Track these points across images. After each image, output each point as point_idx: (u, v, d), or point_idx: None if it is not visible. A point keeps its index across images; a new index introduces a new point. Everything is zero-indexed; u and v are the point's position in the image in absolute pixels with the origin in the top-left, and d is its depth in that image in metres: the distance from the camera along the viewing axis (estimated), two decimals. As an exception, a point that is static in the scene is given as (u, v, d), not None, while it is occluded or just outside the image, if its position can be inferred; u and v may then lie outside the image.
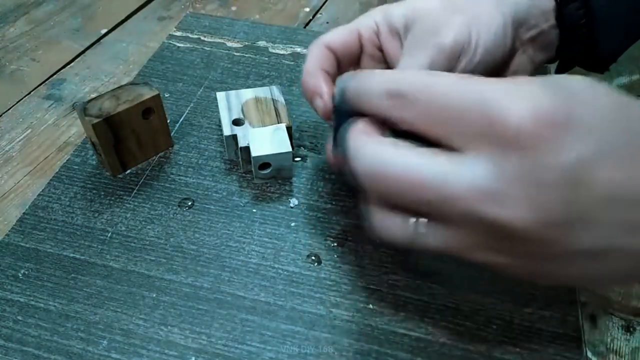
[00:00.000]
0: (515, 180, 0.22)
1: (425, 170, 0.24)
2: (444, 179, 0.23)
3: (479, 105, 0.23)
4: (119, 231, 0.37)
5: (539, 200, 0.22)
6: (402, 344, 0.31)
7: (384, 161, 0.25)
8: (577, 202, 0.22)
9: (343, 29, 0.37)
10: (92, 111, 0.37)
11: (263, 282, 0.34)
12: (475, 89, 0.23)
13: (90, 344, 0.31)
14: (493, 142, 0.22)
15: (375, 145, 0.25)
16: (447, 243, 0.25)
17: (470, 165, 0.23)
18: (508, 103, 0.22)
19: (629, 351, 0.34)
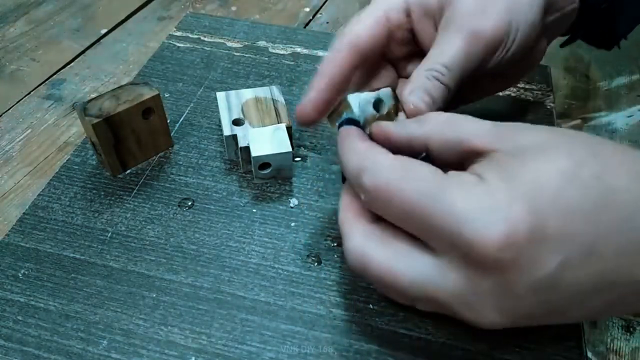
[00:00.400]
0: (486, 294, 0.23)
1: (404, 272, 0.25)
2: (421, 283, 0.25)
3: (449, 224, 0.23)
4: (119, 231, 0.37)
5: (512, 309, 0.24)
6: (402, 344, 0.31)
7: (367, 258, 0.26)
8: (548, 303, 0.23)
9: (368, 18, 0.33)
10: (92, 111, 0.37)
11: (263, 282, 0.34)
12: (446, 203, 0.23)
13: (90, 344, 0.31)
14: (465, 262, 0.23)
15: (359, 235, 0.27)
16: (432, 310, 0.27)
17: (443, 269, 0.24)
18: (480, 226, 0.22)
19: (629, 351, 0.34)
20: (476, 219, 0.22)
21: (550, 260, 0.22)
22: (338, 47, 0.33)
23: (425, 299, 0.26)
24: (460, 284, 0.24)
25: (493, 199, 0.22)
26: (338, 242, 0.36)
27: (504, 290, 0.23)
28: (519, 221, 0.22)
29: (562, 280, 0.22)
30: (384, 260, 0.26)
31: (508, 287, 0.23)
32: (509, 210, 0.22)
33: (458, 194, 0.23)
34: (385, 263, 0.26)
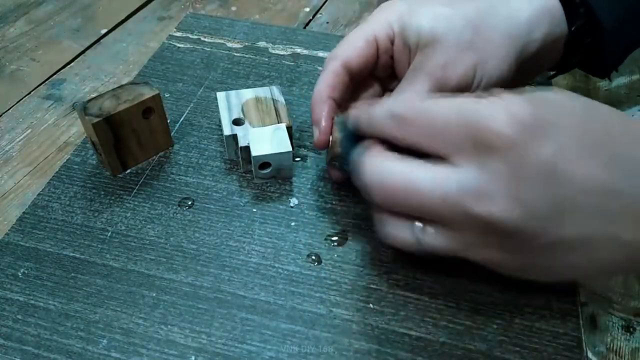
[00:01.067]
0: (499, 179, 0.25)
1: (420, 178, 0.27)
2: (436, 184, 0.26)
3: (460, 118, 0.26)
4: (119, 230, 0.37)
5: (521, 194, 0.24)
6: (402, 344, 0.31)
7: (387, 174, 0.28)
8: (556, 195, 0.24)
9: (359, 39, 0.36)
10: (92, 111, 0.37)
11: (263, 281, 0.34)
12: (456, 105, 0.27)
13: (90, 343, 0.31)
14: (476, 148, 0.25)
15: (381, 159, 0.29)
16: (445, 244, 0.28)
17: (457, 171, 0.26)
18: (487, 113, 0.25)
19: (629, 351, 0.34)
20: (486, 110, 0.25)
21: (550, 145, 0.24)
22: (332, 69, 0.36)
23: (443, 203, 0.26)
24: (474, 175, 0.25)
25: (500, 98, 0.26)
26: (338, 242, 0.36)
27: (511, 171, 0.24)
28: (524, 110, 0.25)
29: (563, 170, 0.24)
30: (402, 170, 0.28)
31: (515, 168, 0.24)
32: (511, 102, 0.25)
33: (466, 98, 0.27)
34: (403, 173, 0.27)
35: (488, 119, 0.25)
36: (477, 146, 0.25)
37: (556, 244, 0.26)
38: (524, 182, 0.24)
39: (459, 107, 0.27)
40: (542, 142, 0.24)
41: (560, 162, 0.24)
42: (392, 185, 0.28)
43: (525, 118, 0.24)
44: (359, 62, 0.36)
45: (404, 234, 0.29)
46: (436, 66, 0.34)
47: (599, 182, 0.24)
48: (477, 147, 0.25)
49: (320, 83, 0.36)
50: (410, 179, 0.27)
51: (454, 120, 0.26)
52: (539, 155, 0.24)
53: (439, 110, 0.27)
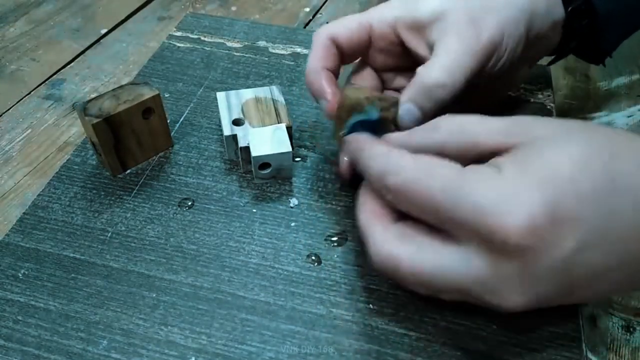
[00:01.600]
0: (511, 280, 0.24)
1: (428, 264, 0.26)
2: (445, 270, 0.26)
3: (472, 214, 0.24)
4: (119, 231, 0.37)
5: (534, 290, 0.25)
6: (402, 344, 0.31)
7: (393, 259, 0.27)
8: (571, 283, 0.25)
9: (352, 20, 0.36)
10: (92, 111, 0.37)
11: (263, 282, 0.34)
12: (468, 195, 0.24)
13: (90, 343, 0.31)
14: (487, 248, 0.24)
15: (384, 238, 0.28)
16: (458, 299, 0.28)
17: (468, 258, 0.25)
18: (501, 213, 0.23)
19: (629, 351, 0.34)
20: (497, 208, 0.24)
21: (567, 244, 0.23)
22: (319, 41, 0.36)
23: (450, 288, 0.26)
24: (484, 270, 0.25)
25: (511, 188, 0.24)
26: (338, 242, 0.36)
27: (525, 273, 0.24)
28: (537, 209, 0.23)
29: (578, 262, 0.24)
30: (409, 256, 0.27)
31: (529, 271, 0.24)
32: (526, 199, 0.23)
33: (478, 185, 0.25)
34: (412, 262, 0.27)
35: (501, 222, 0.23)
36: (488, 246, 0.24)
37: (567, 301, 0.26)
38: (538, 280, 0.24)
39: (466, 192, 0.25)
40: (558, 243, 0.23)
41: (577, 258, 0.24)
42: (402, 273, 0.27)
43: (539, 219, 0.23)
44: (346, 37, 0.36)
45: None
46: (465, 23, 0.32)
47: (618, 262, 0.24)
48: (488, 247, 0.24)
49: (311, 57, 0.36)
50: (420, 270, 0.26)
51: (459, 209, 0.25)
52: (555, 254, 0.23)
53: (439, 192, 0.25)
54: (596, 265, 0.24)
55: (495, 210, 0.23)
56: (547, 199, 0.23)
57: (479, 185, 0.25)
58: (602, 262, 0.24)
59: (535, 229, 0.23)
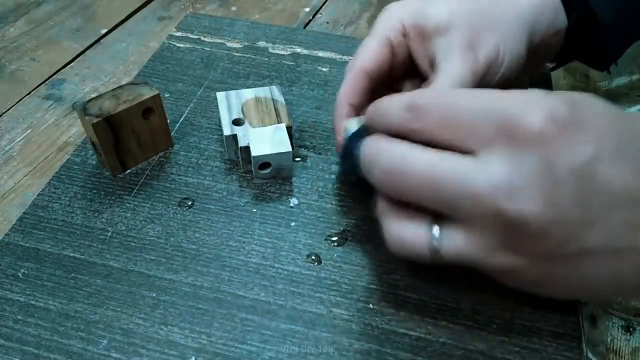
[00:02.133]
0: (532, 177, 0.23)
1: (444, 168, 0.25)
2: (462, 176, 0.24)
3: (494, 111, 0.25)
4: (119, 231, 0.37)
5: (554, 195, 0.23)
6: (402, 344, 0.31)
7: (403, 160, 0.26)
8: (589, 199, 0.23)
9: (375, 43, 0.36)
10: (92, 111, 0.37)
11: (263, 281, 0.34)
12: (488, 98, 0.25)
13: (90, 343, 0.31)
14: (509, 143, 0.24)
15: (393, 145, 0.27)
16: (463, 247, 0.26)
17: (486, 165, 0.24)
18: (522, 107, 0.24)
19: (629, 351, 0.34)
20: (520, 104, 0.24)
21: (586, 147, 0.23)
22: (351, 76, 0.36)
23: (469, 198, 0.24)
24: (506, 170, 0.24)
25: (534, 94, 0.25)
26: (338, 242, 0.36)
27: (546, 169, 0.23)
28: (560, 106, 0.24)
29: (597, 174, 0.23)
30: (425, 160, 0.26)
31: (550, 166, 0.23)
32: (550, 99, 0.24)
33: (501, 93, 0.25)
34: (426, 163, 0.26)
35: (524, 113, 0.24)
36: (509, 140, 0.24)
37: (581, 252, 0.24)
38: (558, 181, 0.23)
39: (490, 98, 0.25)
40: (579, 142, 0.23)
41: (595, 165, 0.23)
42: (409, 175, 0.26)
43: (563, 115, 0.23)
44: (375, 63, 0.36)
45: (418, 237, 0.27)
46: (464, 46, 0.34)
47: (633, 190, 0.24)
48: (509, 142, 0.24)
49: (339, 93, 0.37)
50: (434, 171, 0.25)
51: (483, 112, 0.25)
52: (575, 155, 0.23)
53: (465, 101, 0.26)
54: (614, 188, 0.23)
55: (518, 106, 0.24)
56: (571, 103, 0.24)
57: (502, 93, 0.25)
58: (619, 186, 0.23)
59: (557, 120, 0.23)
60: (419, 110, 0.27)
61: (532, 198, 0.23)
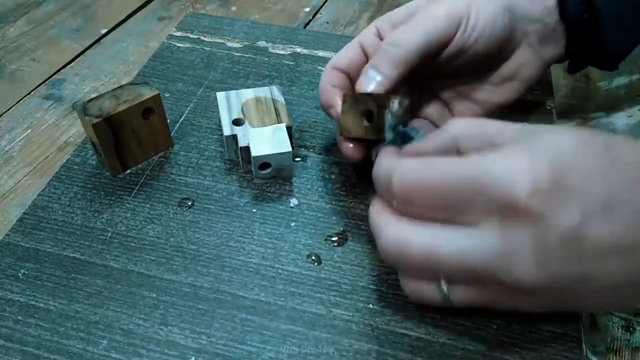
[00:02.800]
0: (523, 246, 0.24)
1: (443, 247, 0.26)
2: (461, 252, 0.26)
3: (482, 187, 0.25)
4: (119, 231, 0.37)
5: (546, 261, 0.24)
6: (402, 344, 0.31)
7: (405, 242, 0.27)
8: (581, 258, 0.25)
9: (345, 47, 0.38)
10: (92, 111, 0.37)
11: (263, 282, 0.34)
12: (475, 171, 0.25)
13: (90, 343, 0.31)
14: (499, 214, 0.25)
15: (395, 225, 0.28)
16: (472, 299, 0.28)
17: (480, 236, 0.25)
18: (508, 177, 0.24)
19: (629, 351, 0.34)
20: (505, 176, 0.24)
21: (575, 212, 0.24)
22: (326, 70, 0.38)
23: (464, 267, 0.26)
24: (498, 242, 0.25)
25: (517, 159, 0.25)
26: (338, 242, 0.36)
27: (537, 239, 0.24)
28: (543, 174, 0.24)
29: (586, 235, 0.24)
30: (423, 240, 0.27)
31: (540, 237, 0.24)
32: (533, 165, 0.24)
33: (484, 162, 0.25)
34: (424, 243, 0.27)
35: (511, 186, 0.24)
36: (499, 212, 0.25)
37: (582, 295, 0.26)
38: (549, 249, 0.24)
39: (474, 168, 0.26)
40: (566, 210, 0.24)
41: (584, 228, 0.24)
42: (414, 257, 0.27)
43: (548, 186, 0.24)
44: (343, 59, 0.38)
45: (430, 292, 0.29)
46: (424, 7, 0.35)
47: (624, 241, 0.24)
48: (499, 213, 0.25)
49: (321, 82, 0.38)
50: (433, 250, 0.27)
51: (470, 185, 0.25)
52: (563, 224, 0.24)
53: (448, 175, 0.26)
54: (606, 243, 0.24)
55: (504, 178, 0.24)
56: (554, 167, 0.24)
57: (484, 161, 0.25)
58: (611, 240, 0.24)
59: (542, 191, 0.24)
60: (399, 193, 0.28)
61: (525, 266, 0.25)
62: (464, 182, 0.26)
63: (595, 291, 0.26)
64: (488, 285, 0.27)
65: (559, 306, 0.28)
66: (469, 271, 0.26)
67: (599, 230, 0.24)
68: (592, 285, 0.25)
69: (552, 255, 0.24)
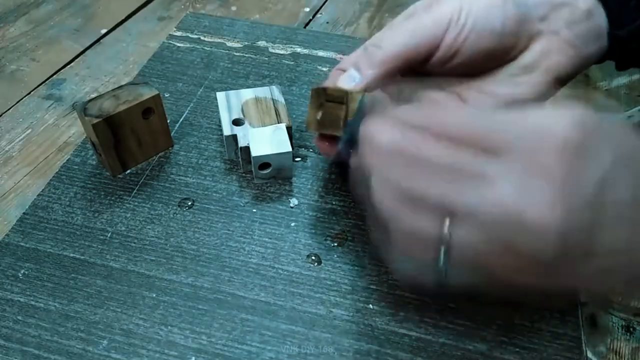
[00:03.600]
0: (552, 182, 0.23)
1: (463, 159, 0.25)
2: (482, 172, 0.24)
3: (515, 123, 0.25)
4: (119, 231, 0.37)
5: (565, 205, 0.23)
6: (402, 344, 0.31)
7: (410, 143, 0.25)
8: (600, 205, 0.24)
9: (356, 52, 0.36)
10: (92, 111, 0.37)
11: (263, 282, 0.34)
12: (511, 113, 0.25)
13: (90, 344, 0.31)
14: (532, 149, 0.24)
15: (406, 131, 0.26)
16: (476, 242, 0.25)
17: (507, 167, 0.24)
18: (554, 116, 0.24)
19: (629, 351, 0.34)
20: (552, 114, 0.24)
21: (606, 158, 0.24)
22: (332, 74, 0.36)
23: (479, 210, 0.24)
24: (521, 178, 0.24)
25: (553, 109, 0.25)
26: (338, 242, 0.36)
27: (568, 177, 0.23)
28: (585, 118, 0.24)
29: (613, 180, 0.24)
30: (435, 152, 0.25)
31: (573, 174, 0.23)
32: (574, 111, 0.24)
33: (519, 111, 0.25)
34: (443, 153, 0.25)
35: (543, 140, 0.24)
36: (534, 148, 0.24)
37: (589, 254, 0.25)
38: (575, 190, 0.24)
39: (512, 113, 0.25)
40: (600, 155, 0.24)
41: (610, 180, 0.24)
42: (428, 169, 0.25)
43: (588, 127, 0.24)
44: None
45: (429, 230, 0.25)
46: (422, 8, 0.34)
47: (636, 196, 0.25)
48: (533, 149, 0.24)
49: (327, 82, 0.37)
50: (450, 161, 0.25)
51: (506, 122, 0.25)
52: (595, 169, 0.24)
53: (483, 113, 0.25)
54: (624, 195, 0.24)
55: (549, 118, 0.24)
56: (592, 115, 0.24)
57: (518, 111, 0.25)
58: (628, 194, 0.24)
59: (584, 131, 0.23)
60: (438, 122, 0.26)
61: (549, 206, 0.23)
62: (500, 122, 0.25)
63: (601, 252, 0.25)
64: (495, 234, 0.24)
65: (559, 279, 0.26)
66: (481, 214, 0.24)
67: (621, 187, 0.24)
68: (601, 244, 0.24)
69: (576, 198, 0.23)
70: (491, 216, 0.24)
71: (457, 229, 0.25)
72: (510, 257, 0.25)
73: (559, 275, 0.26)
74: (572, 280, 0.27)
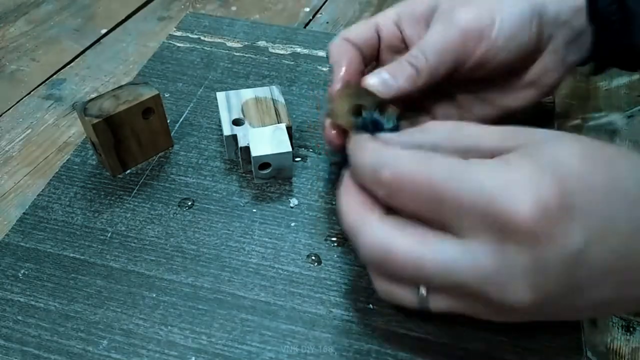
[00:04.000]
0: (518, 268, 0.23)
1: (429, 256, 0.24)
2: (448, 265, 0.24)
3: (480, 200, 0.23)
4: (119, 231, 0.37)
5: (541, 283, 0.23)
6: (402, 344, 0.31)
7: (387, 246, 0.25)
8: (576, 280, 0.23)
9: (360, 24, 0.38)
10: (92, 111, 0.37)
11: (263, 282, 0.34)
12: (475, 181, 0.23)
13: (90, 344, 0.31)
14: (494, 232, 0.23)
15: (376, 226, 0.26)
16: (450, 309, 0.27)
17: (472, 251, 0.24)
18: (511, 197, 0.22)
19: (629, 351, 0.34)
20: (508, 192, 0.23)
21: (580, 234, 0.22)
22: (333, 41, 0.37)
23: (453, 283, 0.24)
24: (491, 263, 0.23)
25: (522, 174, 0.23)
26: (338, 242, 0.36)
27: (537, 264, 0.23)
28: (550, 193, 0.22)
29: (588, 255, 0.23)
30: (408, 247, 0.25)
31: (541, 261, 0.23)
32: (539, 184, 0.22)
33: (486, 172, 0.24)
34: (410, 251, 0.25)
35: (513, 206, 0.22)
36: (496, 230, 0.23)
37: (571, 310, 0.25)
38: (546, 273, 0.23)
39: (474, 178, 0.23)
40: (570, 233, 0.22)
41: (585, 253, 0.23)
42: (398, 264, 0.25)
43: (551, 205, 0.22)
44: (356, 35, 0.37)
45: (406, 297, 0.27)
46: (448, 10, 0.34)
47: (620, 264, 0.24)
48: (495, 231, 0.23)
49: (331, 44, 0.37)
50: (419, 259, 0.24)
51: (469, 197, 0.23)
52: (564, 247, 0.22)
53: (447, 177, 0.24)
54: (605, 262, 0.23)
55: (506, 195, 0.22)
56: (560, 186, 0.22)
57: (486, 171, 0.23)
58: (609, 258, 0.23)
59: (548, 214, 0.22)
60: (390, 186, 0.25)
61: (519, 289, 0.23)
62: (467, 193, 0.23)
63: (585, 306, 0.25)
64: (472, 299, 0.25)
65: (545, 318, 0.27)
66: (456, 285, 0.24)
67: (599, 254, 0.23)
68: (584, 302, 0.24)
69: (549, 279, 0.23)
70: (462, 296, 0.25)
71: (432, 297, 0.26)
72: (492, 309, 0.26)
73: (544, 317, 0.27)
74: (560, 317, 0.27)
